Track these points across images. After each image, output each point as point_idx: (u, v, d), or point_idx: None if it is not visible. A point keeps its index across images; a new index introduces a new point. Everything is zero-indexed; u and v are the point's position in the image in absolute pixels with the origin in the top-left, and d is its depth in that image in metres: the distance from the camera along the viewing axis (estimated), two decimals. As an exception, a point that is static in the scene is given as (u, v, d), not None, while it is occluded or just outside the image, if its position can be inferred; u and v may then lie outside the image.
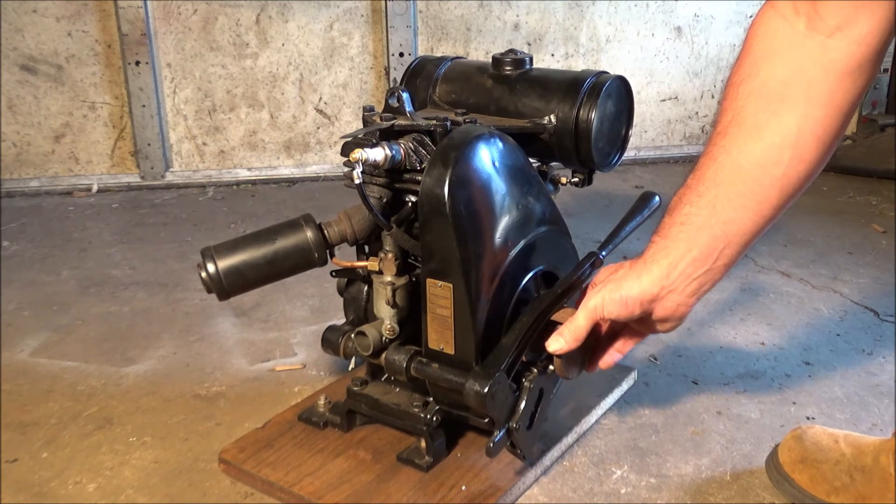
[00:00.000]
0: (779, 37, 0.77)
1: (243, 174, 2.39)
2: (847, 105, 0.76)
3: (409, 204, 0.97)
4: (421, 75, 1.18)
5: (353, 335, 1.03)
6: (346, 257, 1.02)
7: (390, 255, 0.98)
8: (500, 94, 1.11)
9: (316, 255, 0.95)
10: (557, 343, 0.88)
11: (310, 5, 2.29)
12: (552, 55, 2.48)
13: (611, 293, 0.84)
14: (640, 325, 0.91)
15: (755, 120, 0.77)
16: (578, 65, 2.51)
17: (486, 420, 0.97)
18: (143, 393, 1.24)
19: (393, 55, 2.33)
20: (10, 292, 1.61)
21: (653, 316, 0.86)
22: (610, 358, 0.95)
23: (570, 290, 0.96)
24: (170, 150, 2.34)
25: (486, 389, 0.87)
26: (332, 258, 0.99)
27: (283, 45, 2.31)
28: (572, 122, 1.06)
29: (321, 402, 1.11)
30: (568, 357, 0.90)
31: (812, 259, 1.78)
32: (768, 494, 1.01)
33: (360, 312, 1.07)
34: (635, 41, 2.52)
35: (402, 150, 0.93)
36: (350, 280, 1.08)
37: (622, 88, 1.11)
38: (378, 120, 0.96)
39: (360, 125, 1.00)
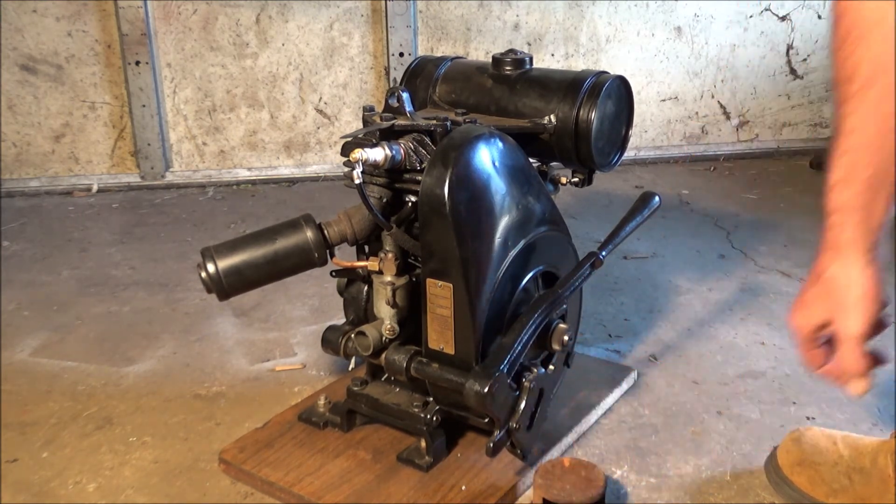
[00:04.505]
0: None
1: (243, 174, 2.38)
2: None
3: (409, 204, 0.97)
4: (421, 75, 1.18)
5: (353, 335, 1.03)
6: (346, 257, 1.02)
7: (390, 255, 0.98)
8: (500, 94, 1.11)
9: (316, 255, 0.95)
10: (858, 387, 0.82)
11: (310, 5, 2.29)
12: (552, 55, 2.48)
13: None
14: None
15: None
16: (578, 65, 2.51)
17: (486, 420, 0.97)
18: (143, 393, 1.24)
19: (393, 55, 2.32)
20: (10, 292, 1.61)
21: None
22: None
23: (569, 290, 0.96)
24: (170, 150, 2.34)
25: (486, 389, 0.87)
26: (332, 258, 0.99)
27: (283, 45, 2.31)
28: (572, 122, 1.06)
29: (321, 402, 1.11)
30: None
31: (812, 259, 1.77)
32: (768, 494, 1.01)
33: (360, 312, 1.07)
34: (635, 41, 2.52)
35: (402, 150, 0.93)
36: (350, 280, 1.08)
37: (622, 88, 1.11)
38: (378, 120, 0.96)
39: (360, 125, 1.00)
